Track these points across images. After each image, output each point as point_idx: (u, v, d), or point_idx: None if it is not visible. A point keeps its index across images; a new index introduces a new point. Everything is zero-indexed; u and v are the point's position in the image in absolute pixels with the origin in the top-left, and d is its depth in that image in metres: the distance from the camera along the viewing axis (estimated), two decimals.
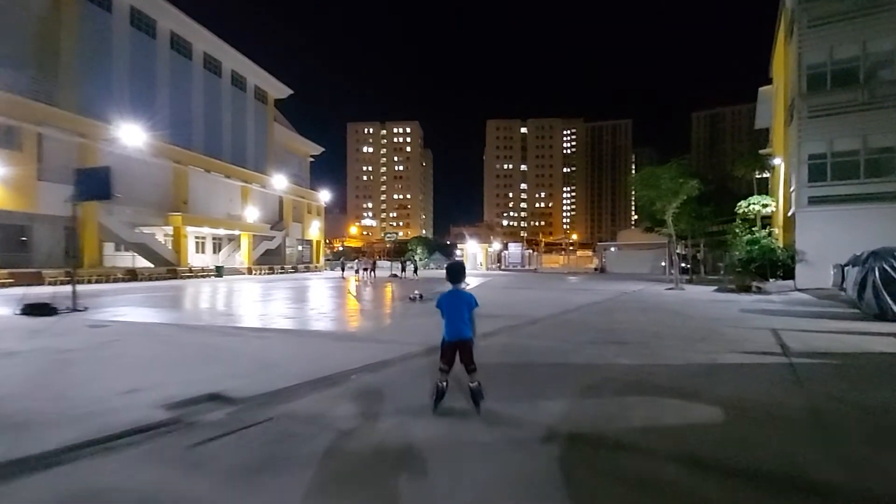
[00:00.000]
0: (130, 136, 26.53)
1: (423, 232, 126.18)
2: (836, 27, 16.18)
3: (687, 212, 22.55)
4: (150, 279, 26.38)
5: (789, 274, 17.17)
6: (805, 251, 16.60)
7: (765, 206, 20.15)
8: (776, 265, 16.76)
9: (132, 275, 25.91)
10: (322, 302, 14.34)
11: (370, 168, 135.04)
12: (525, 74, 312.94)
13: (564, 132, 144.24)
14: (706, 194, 22.10)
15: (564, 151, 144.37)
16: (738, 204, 21.64)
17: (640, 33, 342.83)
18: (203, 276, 30.28)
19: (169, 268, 28.59)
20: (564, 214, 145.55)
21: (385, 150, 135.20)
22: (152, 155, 28.70)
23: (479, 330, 4.03)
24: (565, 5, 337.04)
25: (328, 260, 53.04)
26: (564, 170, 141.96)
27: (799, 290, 16.67)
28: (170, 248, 30.52)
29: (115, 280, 24.83)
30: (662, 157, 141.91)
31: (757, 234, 18.37)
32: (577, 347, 6.62)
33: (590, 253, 73.41)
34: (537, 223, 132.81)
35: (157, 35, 31.10)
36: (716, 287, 20.48)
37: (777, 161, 19.14)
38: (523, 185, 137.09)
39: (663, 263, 44.31)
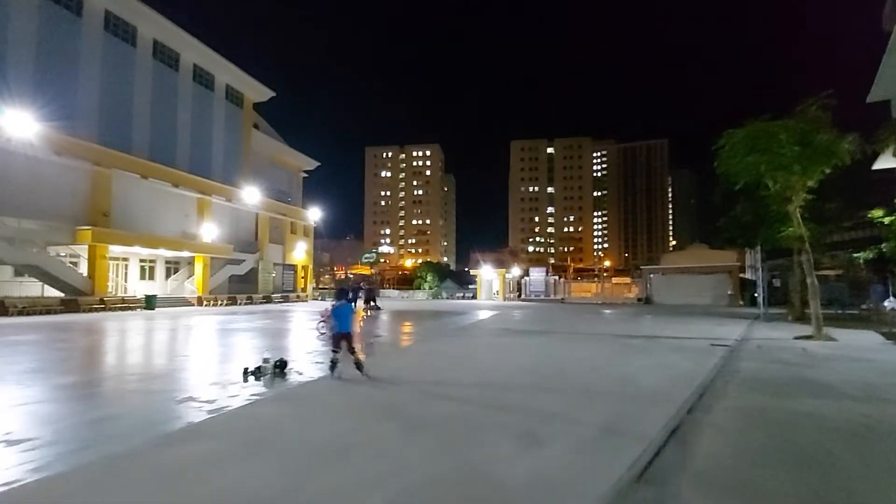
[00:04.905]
0: (20, 125, 20.28)
1: (445, 259, 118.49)
2: None
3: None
4: (28, 313, 19.34)
5: None
6: None
7: None
8: None
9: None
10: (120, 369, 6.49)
11: (388, 193, 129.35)
12: (551, 94, 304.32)
13: (594, 154, 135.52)
14: (828, 184, 13.33)
15: (595, 174, 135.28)
16: None
17: (673, 45, 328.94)
18: (125, 309, 23.18)
19: (68, 298, 21.60)
20: (596, 240, 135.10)
21: (404, 174, 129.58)
22: (55, 153, 22.30)
23: None
24: (591, 23, 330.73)
25: (315, 289, 45.73)
26: (595, 193, 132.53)
27: None
28: (82, 271, 23.67)
29: None
30: (702, 178, 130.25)
31: None
32: None
33: (627, 280, 63.48)
34: (566, 249, 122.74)
35: (83, 12, 25.24)
36: (884, 336, 11.57)
37: None
38: (550, 209, 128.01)
39: (730, 292, 34.78)
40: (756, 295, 28.82)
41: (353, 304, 23.82)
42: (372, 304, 21.07)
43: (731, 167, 10.82)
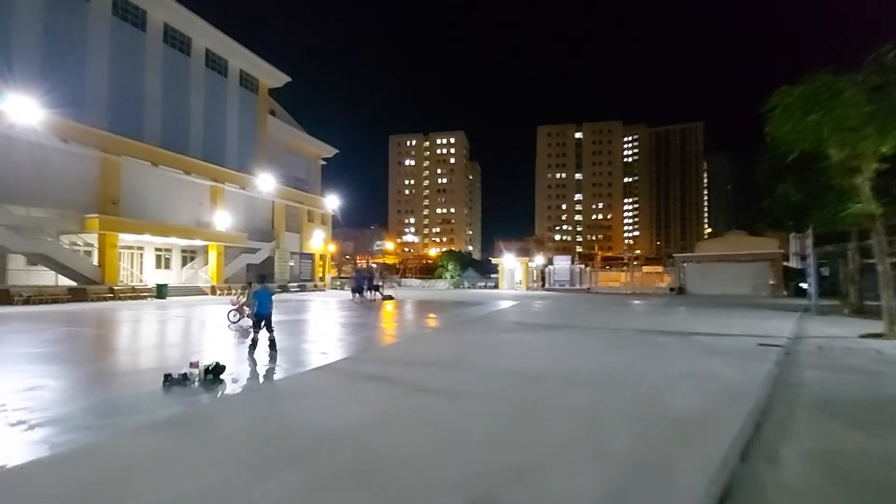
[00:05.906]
0: (26, 112, 19.92)
1: (470, 248, 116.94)
2: None
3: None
4: (33, 303, 19.09)
5: None
6: None
7: None
8: None
9: (4, 296, 18.73)
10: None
11: (412, 181, 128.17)
12: (579, 78, 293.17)
13: (625, 138, 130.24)
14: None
15: (626, 160, 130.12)
16: None
17: (707, 18, 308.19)
18: (135, 298, 22.87)
19: (77, 287, 21.34)
20: (626, 228, 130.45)
21: (428, 162, 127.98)
22: (63, 140, 21.94)
23: None
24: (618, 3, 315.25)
25: (336, 278, 45.12)
26: (626, 179, 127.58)
27: None
28: (92, 259, 23.45)
29: None
30: (740, 163, 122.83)
31: None
32: None
33: (659, 268, 60.36)
34: (594, 237, 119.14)
35: None
36: None
37: None
38: (578, 196, 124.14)
39: (772, 281, 32.05)
40: (802, 285, 26.16)
41: (362, 289, 23.15)
42: (376, 292, 20.01)
43: (785, 133, 8.95)
